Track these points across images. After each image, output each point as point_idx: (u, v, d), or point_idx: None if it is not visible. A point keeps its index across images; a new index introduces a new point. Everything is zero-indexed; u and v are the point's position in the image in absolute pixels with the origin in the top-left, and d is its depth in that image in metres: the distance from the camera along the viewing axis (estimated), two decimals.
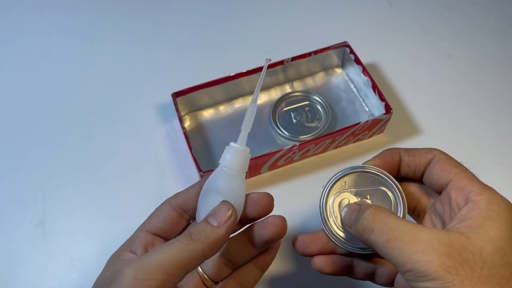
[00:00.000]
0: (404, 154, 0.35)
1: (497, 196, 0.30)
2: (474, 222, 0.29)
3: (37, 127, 0.54)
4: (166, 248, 0.29)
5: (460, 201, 0.31)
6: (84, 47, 0.61)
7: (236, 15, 0.64)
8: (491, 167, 0.52)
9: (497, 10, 0.65)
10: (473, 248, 0.27)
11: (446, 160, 0.33)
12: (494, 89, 0.57)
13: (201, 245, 0.30)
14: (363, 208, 0.32)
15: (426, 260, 0.27)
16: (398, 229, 0.29)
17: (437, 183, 0.33)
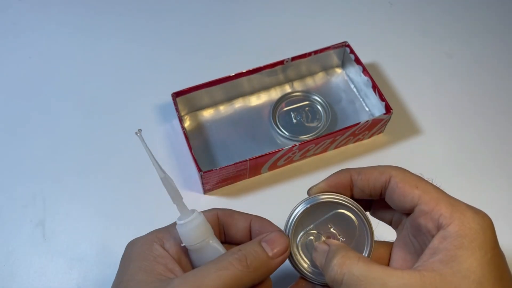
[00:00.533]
0: (356, 177, 0.32)
1: (469, 216, 0.27)
2: (446, 255, 0.27)
3: (37, 127, 0.54)
4: (222, 273, 0.28)
5: (431, 228, 0.28)
6: (84, 47, 0.61)
7: (236, 15, 0.64)
8: (491, 167, 0.52)
9: (497, 10, 0.65)
10: (448, 286, 0.25)
11: (405, 182, 0.30)
12: (494, 89, 0.57)
13: (254, 275, 0.29)
14: (331, 252, 0.30)
15: None
16: (366, 279, 0.27)
17: (401, 208, 0.31)
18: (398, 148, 0.53)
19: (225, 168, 0.45)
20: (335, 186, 0.33)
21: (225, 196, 0.49)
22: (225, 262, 0.29)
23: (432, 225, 0.28)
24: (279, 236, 0.31)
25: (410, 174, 0.31)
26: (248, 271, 0.29)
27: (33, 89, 0.57)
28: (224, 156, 0.51)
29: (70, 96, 0.56)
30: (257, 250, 0.30)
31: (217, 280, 0.28)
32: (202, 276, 0.28)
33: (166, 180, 0.30)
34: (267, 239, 0.31)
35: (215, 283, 0.28)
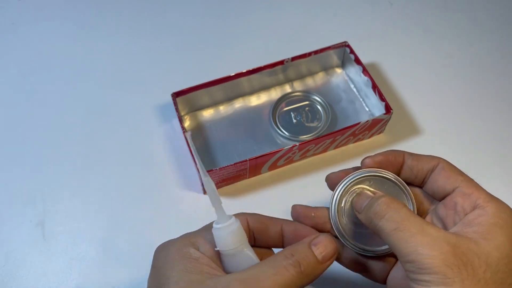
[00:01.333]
0: (408, 157, 0.35)
1: (505, 205, 0.30)
2: (482, 228, 0.29)
3: (37, 127, 0.54)
4: (278, 278, 0.28)
5: (467, 206, 0.31)
6: (84, 46, 0.61)
7: (236, 15, 0.64)
8: (491, 167, 0.52)
9: (497, 10, 0.65)
10: (479, 252, 0.27)
11: (452, 168, 0.33)
12: (494, 89, 0.57)
13: (306, 280, 0.30)
14: (377, 195, 0.32)
15: (431, 254, 0.27)
16: (409, 220, 0.29)
17: (442, 190, 0.33)
18: (398, 148, 0.52)
19: (225, 168, 0.45)
20: (389, 160, 0.35)
21: (225, 196, 0.49)
22: (281, 267, 0.29)
23: (469, 204, 0.31)
24: (328, 240, 0.32)
25: (456, 166, 0.34)
26: (302, 276, 0.30)
27: (33, 88, 0.57)
28: (224, 156, 0.51)
29: (70, 96, 0.56)
30: (308, 255, 0.31)
31: (274, 285, 0.28)
32: (260, 279, 0.28)
33: (208, 183, 0.31)
34: (316, 242, 0.31)
35: (272, 284, 0.28)
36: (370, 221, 0.31)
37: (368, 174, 0.35)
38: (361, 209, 0.33)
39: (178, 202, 0.48)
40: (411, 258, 0.28)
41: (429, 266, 0.27)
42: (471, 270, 0.27)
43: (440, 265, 0.27)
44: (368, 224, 0.32)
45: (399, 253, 0.29)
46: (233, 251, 0.31)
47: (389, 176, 0.35)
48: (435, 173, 0.34)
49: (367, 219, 0.32)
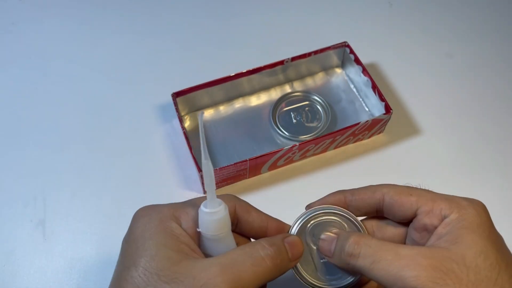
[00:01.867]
0: (350, 198, 0.34)
1: (465, 204, 0.30)
2: (451, 236, 0.29)
3: (37, 127, 0.54)
4: (257, 269, 0.29)
5: (435, 222, 0.31)
6: (84, 47, 0.61)
7: (236, 15, 0.64)
8: (491, 167, 0.52)
9: (497, 10, 0.65)
10: (455, 257, 0.27)
11: (399, 194, 0.32)
12: (494, 89, 0.57)
13: (277, 274, 0.30)
14: (344, 235, 0.32)
15: (413, 275, 0.27)
16: (381, 249, 0.29)
17: (403, 218, 0.33)
18: (398, 148, 0.53)
19: (225, 168, 0.45)
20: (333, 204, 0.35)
21: None
22: (259, 257, 0.29)
23: (436, 219, 0.31)
24: (298, 239, 0.32)
25: (400, 186, 0.33)
26: (276, 270, 0.30)
27: (33, 88, 0.57)
28: (224, 156, 0.51)
29: (70, 96, 0.56)
30: (283, 249, 0.31)
31: (253, 276, 0.28)
32: (239, 267, 0.28)
33: (207, 166, 0.30)
34: (289, 240, 0.32)
35: (251, 279, 0.28)
36: (347, 262, 0.31)
37: (318, 212, 0.35)
38: (332, 253, 0.32)
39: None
40: (397, 286, 0.28)
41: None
42: (455, 278, 0.27)
43: (426, 283, 0.26)
44: (346, 266, 0.31)
45: (385, 284, 0.29)
46: (215, 236, 0.31)
47: (338, 211, 0.35)
48: (386, 206, 0.33)
49: (342, 261, 0.31)
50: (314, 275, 0.34)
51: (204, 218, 0.30)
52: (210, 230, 0.30)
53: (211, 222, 0.30)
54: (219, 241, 0.31)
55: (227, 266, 0.28)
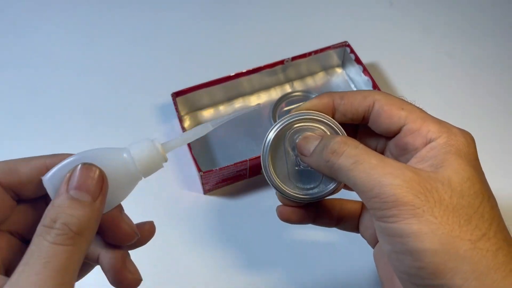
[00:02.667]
0: (339, 101, 0.32)
1: (455, 131, 0.29)
2: (436, 160, 0.27)
3: (37, 128, 0.54)
4: (50, 267, 0.22)
5: (418, 143, 0.29)
6: (84, 47, 0.61)
7: (236, 15, 0.64)
8: (491, 167, 0.51)
9: (498, 10, 0.65)
10: (441, 178, 0.26)
11: (390, 104, 0.30)
12: (494, 89, 0.57)
13: (88, 236, 0.24)
14: (329, 136, 0.30)
15: (394, 183, 0.25)
16: (367, 153, 0.28)
17: (387, 131, 0.31)
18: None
19: (225, 168, 0.45)
20: (317, 109, 0.32)
21: (225, 196, 0.49)
22: (47, 250, 0.22)
23: (420, 141, 0.29)
24: (83, 170, 0.25)
25: (393, 97, 0.31)
26: (80, 239, 0.23)
27: (32, 88, 0.57)
28: (224, 156, 0.51)
29: (70, 96, 0.56)
30: (73, 205, 0.24)
31: (52, 278, 0.22)
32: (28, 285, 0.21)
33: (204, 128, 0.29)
34: (72, 182, 0.24)
35: (52, 283, 0.22)
36: (325, 162, 0.29)
37: (301, 117, 0.32)
38: (310, 152, 0.30)
39: (178, 202, 0.48)
40: (375, 192, 0.26)
41: (395, 198, 0.25)
42: (438, 197, 0.25)
43: (406, 194, 0.25)
44: (320, 166, 0.30)
45: (362, 188, 0.27)
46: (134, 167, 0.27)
47: (322, 118, 0.32)
48: (373, 114, 0.31)
49: (319, 161, 0.29)
50: (286, 181, 0.33)
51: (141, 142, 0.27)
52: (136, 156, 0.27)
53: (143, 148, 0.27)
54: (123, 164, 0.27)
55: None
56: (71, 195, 0.24)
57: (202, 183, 0.47)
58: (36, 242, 0.23)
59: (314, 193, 0.33)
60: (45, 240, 0.22)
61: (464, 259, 0.24)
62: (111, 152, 0.27)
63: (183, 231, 0.47)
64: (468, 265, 0.24)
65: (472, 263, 0.24)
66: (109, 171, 0.25)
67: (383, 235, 0.27)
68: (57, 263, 0.22)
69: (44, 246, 0.22)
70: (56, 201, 0.24)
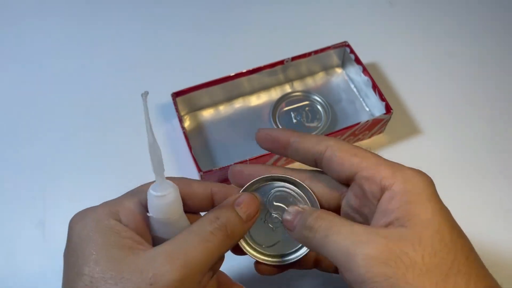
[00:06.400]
0: (294, 139, 0.33)
1: (410, 174, 0.28)
2: (400, 212, 0.27)
3: (37, 127, 0.54)
4: (206, 246, 0.27)
5: (375, 191, 0.28)
6: (84, 46, 0.61)
7: (236, 15, 0.64)
8: (491, 167, 0.51)
9: (498, 10, 0.65)
10: (411, 238, 0.26)
11: (343, 151, 0.30)
12: (495, 89, 0.57)
13: (232, 242, 0.29)
14: (308, 211, 0.30)
15: (364, 253, 0.25)
16: (337, 225, 0.28)
17: (341, 178, 0.31)
18: (398, 148, 0.53)
19: (225, 168, 0.45)
20: (275, 139, 0.33)
21: None
22: (207, 233, 0.28)
23: (376, 188, 0.28)
24: (250, 197, 0.31)
25: (347, 144, 0.31)
26: (228, 240, 0.29)
27: (32, 88, 0.57)
28: (224, 156, 0.51)
29: (70, 96, 0.56)
30: (233, 216, 0.30)
31: (204, 254, 0.27)
32: (187, 250, 0.27)
33: (153, 147, 0.27)
34: (239, 202, 0.31)
35: (202, 257, 0.27)
36: (305, 236, 0.29)
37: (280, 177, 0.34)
38: (294, 227, 0.31)
39: None
40: (347, 266, 0.26)
41: (365, 270, 0.25)
42: (409, 261, 0.25)
43: (376, 265, 0.25)
44: (303, 239, 0.30)
45: (336, 263, 0.27)
46: (168, 220, 0.29)
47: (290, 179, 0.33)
48: (326, 160, 0.31)
49: (301, 235, 0.30)
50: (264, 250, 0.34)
51: (154, 202, 0.28)
52: (161, 214, 0.29)
53: (162, 205, 0.29)
54: (172, 224, 0.29)
55: (174, 251, 0.27)
56: (235, 209, 0.30)
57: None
58: (199, 224, 0.29)
59: (292, 258, 0.34)
60: (206, 226, 0.28)
61: None
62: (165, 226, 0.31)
63: None
64: None
65: None
66: None
67: None
68: (207, 247, 0.27)
69: (203, 231, 0.28)
70: (223, 205, 0.31)
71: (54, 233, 0.47)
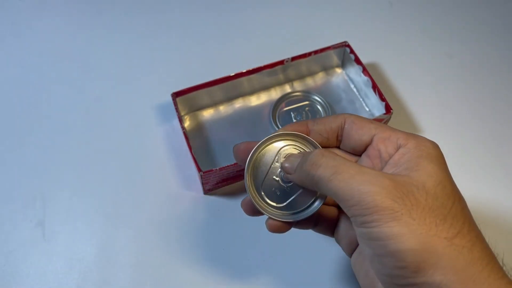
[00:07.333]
0: (312, 124, 0.35)
1: (422, 138, 0.31)
2: (409, 164, 0.29)
3: (37, 127, 0.54)
4: None
5: (390, 150, 0.31)
6: (84, 46, 0.61)
7: (236, 15, 0.64)
8: (491, 167, 0.52)
9: (497, 10, 0.65)
10: (416, 183, 0.28)
11: (361, 119, 0.33)
12: (494, 89, 0.57)
13: None
14: (308, 151, 0.33)
15: (373, 190, 0.27)
16: (345, 164, 0.29)
17: (359, 142, 0.33)
18: None
19: (225, 168, 0.45)
20: (296, 131, 0.35)
21: (225, 196, 0.49)
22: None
23: (391, 147, 0.31)
24: None
25: (362, 116, 0.34)
26: None
27: (32, 89, 0.57)
28: (224, 156, 0.51)
29: (70, 96, 0.56)
30: None
31: None
32: None
33: None
34: None
35: None
36: (307, 174, 0.31)
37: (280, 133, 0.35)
38: (294, 169, 0.32)
39: (178, 202, 0.48)
40: (355, 200, 0.27)
41: (375, 204, 0.27)
42: (414, 200, 0.27)
43: (385, 200, 0.27)
44: (303, 180, 0.32)
45: (342, 198, 0.28)
46: None
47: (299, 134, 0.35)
48: (346, 129, 0.34)
49: (301, 175, 0.31)
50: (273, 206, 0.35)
51: None
52: None
53: None
54: None
55: None
56: None
57: (202, 183, 0.47)
58: None
59: (301, 215, 0.35)
60: None
61: (443, 256, 0.26)
62: None
63: (183, 231, 0.47)
64: (446, 261, 0.26)
65: (450, 259, 0.26)
66: None
67: (365, 240, 0.28)
68: None
69: None
70: None
71: (54, 233, 0.47)
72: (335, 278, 0.44)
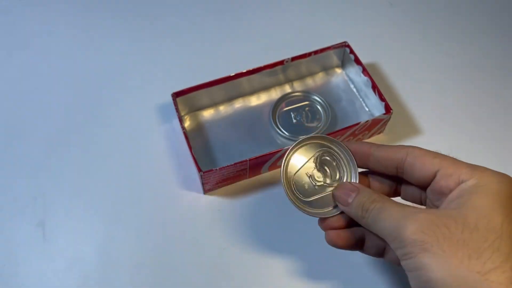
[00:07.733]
0: (375, 149, 0.35)
1: (489, 172, 0.30)
2: (462, 199, 0.29)
3: (37, 127, 0.54)
4: None
5: (452, 185, 0.31)
6: (83, 47, 0.61)
7: (236, 15, 0.64)
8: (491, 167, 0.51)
9: (498, 10, 0.65)
10: (455, 216, 0.28)
11: (424, 154, 0.33)
12: (494, 89, 0.57)
13: None
14: (365, 192, 0.34)
15: (408, 225, 0.28)
16: (390, 204, 0.31)
17: (422, 178, 0.33)
18: None
19: (225, 168, 0.45)
20: (356, 150, 0.36)
21: (225, 196, 0.49)
22: None
23: (453, 183, 0.31)
24: None
25: (427, 150, 0.33)
26: None
27: (32, 88, 0.57)
28: (224, 156, 0.51)
29: (70, 96, 0.56)
30: None
31: None
32: None
33: None
34: None
35: None
36: (362, 217, 0.33)
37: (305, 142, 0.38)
38: (348, 203, 0.34)
39: (178, 202, 0.48)
40: (393, 235, 0.29)
41: (407, 237, 0.28)
42: (448, 232, 0.27)
43: (415, 232, 0.28)
44: (358, 219, 0.34)
45: (385, 234, 0.30)
46: None
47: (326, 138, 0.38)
48: (408, 163, 0.33)
49: (356, 215, 0.33)
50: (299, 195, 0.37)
51: None
52: None
53: None
54: None
55: None
56: None
57: (202, 183, 0.47)
58: None
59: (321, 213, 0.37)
60: None
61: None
62: None
63: (182, 231, 0.47)
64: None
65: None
66: None
67: (407, 272, 0.29)
68: None
69: None
70: None
71: (54, 233, 0.47)
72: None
